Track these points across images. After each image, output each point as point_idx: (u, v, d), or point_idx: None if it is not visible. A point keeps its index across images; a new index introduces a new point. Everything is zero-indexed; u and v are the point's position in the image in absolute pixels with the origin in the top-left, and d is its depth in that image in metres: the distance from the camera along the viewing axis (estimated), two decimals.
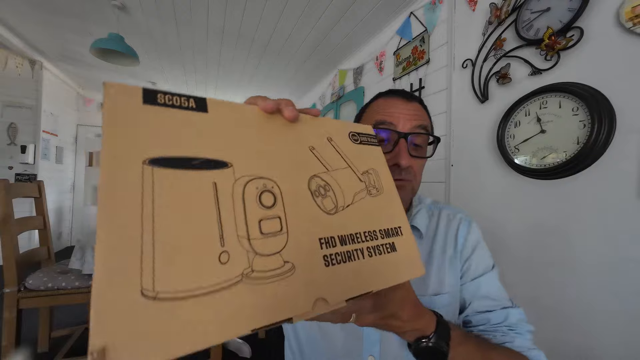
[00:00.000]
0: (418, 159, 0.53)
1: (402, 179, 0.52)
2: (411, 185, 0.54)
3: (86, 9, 2.27)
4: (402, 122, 0.52)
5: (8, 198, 1.40)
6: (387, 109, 0.55)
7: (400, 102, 0.55)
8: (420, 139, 0.54)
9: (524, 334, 0.52)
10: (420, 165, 0.55)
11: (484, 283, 0.57)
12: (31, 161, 3.41)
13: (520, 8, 1.12)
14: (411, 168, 0.52)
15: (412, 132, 0.52)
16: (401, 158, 0.50)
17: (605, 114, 0.86)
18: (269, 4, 1.87)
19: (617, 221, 0.86)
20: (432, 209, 0.63)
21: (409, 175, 0.53)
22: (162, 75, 3.45)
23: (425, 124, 0.55)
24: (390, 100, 0.56)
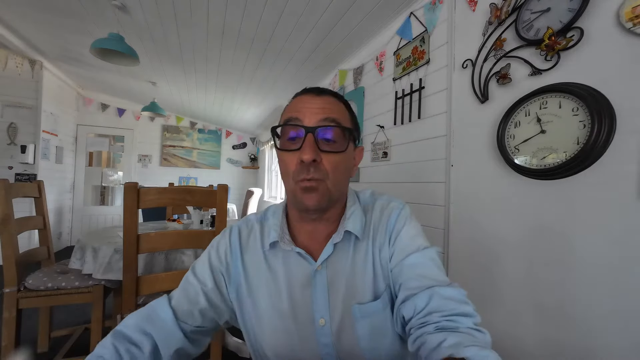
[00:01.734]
0: (329, 154, 0.49)
1: (311, 178, 0.48)
2: (324, 185, 0.49)
3: (86, 9, 2.27)
4: (308, 116, 0.49)
5: (8, 198, 1.40)
6: (296, 105, 0.52)
7: (309, 97, 0.52)
8: (331, 133, 0.50)
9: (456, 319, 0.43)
10: (334, 162, 0.49)
11: (406, 265, 0.51)
12: (31, 161, 3.41)
13: (520, 8, 1.12)
14: (321, 164, 0.48)
15: (319, 126, 0.48)
16: (303, 152, 0.47)
17: (606, 114, 0.86)
18: (269, 4, 1.87)
19: (617, 221, 0.86)
20: (368, 203, 0.60)
21: (319, 174, 0.48)
22: (162, 75, 3.45)
23: (336, 116, 0.50)
24: (301, 97, 0.54)
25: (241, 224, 0.62)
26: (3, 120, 3.39)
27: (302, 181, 0.48)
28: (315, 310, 0.52)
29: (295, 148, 0.49)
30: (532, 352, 1.06)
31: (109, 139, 4.95)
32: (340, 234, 0.53)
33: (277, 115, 4.41)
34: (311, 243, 0.55)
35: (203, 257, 0.59)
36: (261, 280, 0.55)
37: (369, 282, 0.52)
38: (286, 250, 0.54)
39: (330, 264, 0.53)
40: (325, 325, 0.51)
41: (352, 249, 0.54)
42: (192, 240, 1.30)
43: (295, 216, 0.57)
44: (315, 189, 0.48)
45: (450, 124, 1.45)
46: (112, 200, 5.00)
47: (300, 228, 0.56)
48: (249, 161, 5.96)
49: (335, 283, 0.52)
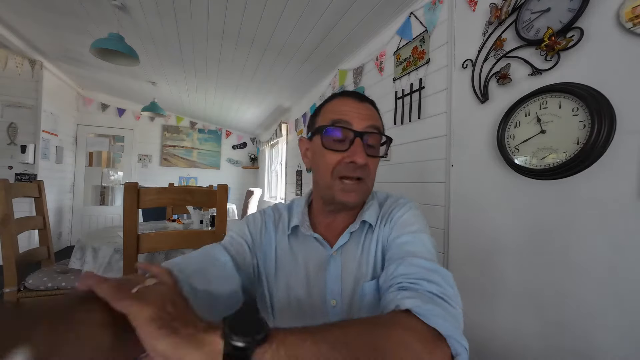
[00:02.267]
0: (373, 158, 0.57)
1: (358, 177, 0.55)
2: (366, 185, 0.57)
3: (86, 9, 2.27)
4: (356, 121, 0.55)
5: (8, 198, 1.40)
6: (341, 107, 0.57)
7: (354, 102, 0.57)
8: (373, 138, 0.57)
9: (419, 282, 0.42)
10: (374, 165, 0.58)
11: (396, 243, 0.54)
12: (31, 161, 3.41)
13: (520, 8, 1.12)
14: (367, 166, 0.55)
15: (367, 132, 0.55)
16: (358, 155, 0.53)
17: (605, 114, 0.86)
18: (269, 4, 1.87)
19: (617, 221, 0.86)
20: (382, 199, 0.67)
21: (364, 173, 0.55)
22: (162, 75, 3.45)
23: (378, 124, 0.58)
24: (344, 100, 0.58)
25: (272, 209, 0.69)
26: (3, 120, 3.39)
27: (345, 178, 0.55)
28: (328, 292, 0.57)
29: (342, 149, 0.54)
30: (532, 350, 1.06)
31: (109, 139, 4.95)
32: (357, 223, 0.59)
33: (277, 115, 4.41)
34: (328, 233, 0.62)
35: (240, 225, 0.65)
36: (285, 259, 0.62)
37: (371, 263, 0.58)
38: (306, 235, 0.61)
39: (345, 251, 0.59)
40: (337, 305, 0.56)
41: (364, 236, 0.60)
42: (192, 240, 1.30)
43: (318, 207, 0.63)
44: (356, 189, 0.55)
45: (450, 124, 1.45)
46: (112, 200, 5.00)
47: (321, 219, 0.63)
48: (249, 161, 5.96)
49: (348, 268, 0.58)
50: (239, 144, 5.92)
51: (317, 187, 0.61)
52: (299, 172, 3.62)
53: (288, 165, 4.17)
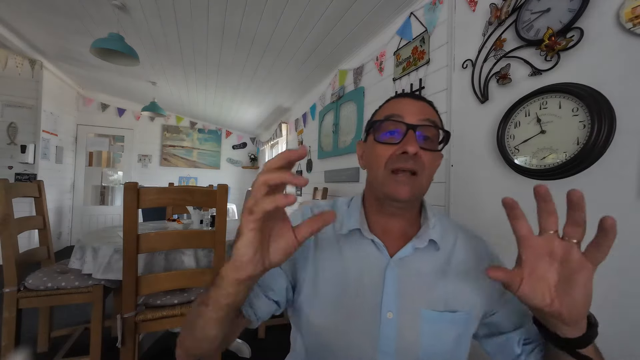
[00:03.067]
0: (428, 152, 0.54)
1: (411, 168, 0.52)
2: (419, 181, 0.53)
3: (86, 9, 2.27)
4: (409, 115, 0.54)
5: (8, 198, 1.40)
6: (395, 105, 0.57)
7: (408, 100, 0.57)
8: (429, 132, 0.54)
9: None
10: (430, 160, 0.54)
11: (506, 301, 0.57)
12: (31, 161, 3.41)
13: (520, 8, 1.12)
14: (420, 159, 0.52)
15: (421, 124, 0.53)
16: (409, 144, 0.51)
17: (605, 114, 0.86)
18: (269, 4, 1.87)
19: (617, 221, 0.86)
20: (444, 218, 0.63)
21: (418, 166, 0.52)
22: (162, 75, 3.45)
23: (434, 119, 0.56)
24: (398, 99, 0.59)
25: (312, 207, 0.65)
26: (3, 120, 3.39)
27: (397, 171, 0.52)
28: (384, 303, 0.53)
29: (394, 142, 0.53)
30: None
31: (109, 138, 4.95)
32: (425, 241, 0.55)
33: (277, 115, 4.41)
34: (385, 237, 0.57)
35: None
36: (330, 262, 0.57)
37: (443, 293, 0.54)
38: (360, 239, 0.57)
39: (404, 263, 0.55)
40: (392, 319, 0.52)
41: (428, 255, 0.56)
42: (192, 240, 1.30)
43: (373, 207, 0.60)
44: (408, 182, 0.52)
45: (450, 124, 1.45)
46: (112, 200, 5.00)
47: (376, 220, 0.59)
48: (249, 161, 5.96)
49: (407, 282, 0.54)
50: (239, 144, 5.92)
51: (371, 186, 0.60)
52: (299, 172, 3.63)
53: None
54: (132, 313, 1.22)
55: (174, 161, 5.38)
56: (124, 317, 1.20)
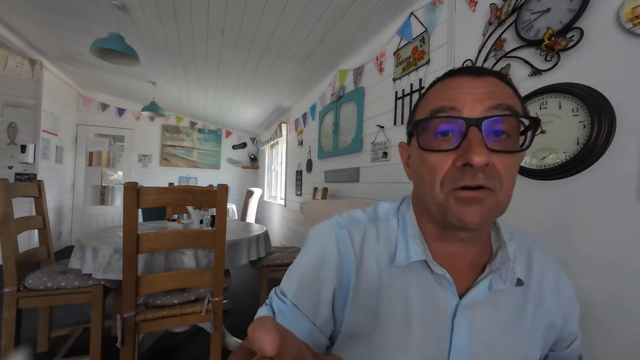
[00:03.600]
0: (503, 155, 0.36)
1: (481, 184, 0.35)
2: (494, 197, 0.36)
3: (86, 9, 2.27)
4: (469, 104, 0.36)
5: (8, 198, 1.40)
6: (447, 91, 0.39)
7: (466, 81, 0.38)
8: (504, 124, 0.36)
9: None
10: (509, 166, 0.36)
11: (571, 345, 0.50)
12: (31, 161, 3.41)
13: (520, 9, 1.12)
14: (493, 168, 0.35)
15: (488, 116, 0.35)
16: (473, 152, 0.34)
17: (605, 114, 0.86)
18: (269, 4, 1.87)
19: (617, 222, 0.86)
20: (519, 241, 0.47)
21: (491, 181, 0.35)
22: (162, 75, 3.45)
23: (510, 102, 0.37)
24: (452, 80, 0.40)
25: (349, 225, 0.47)
26: (3, 120, 3.39)
27: (461, 190, 0.36)
28: (453, 355, 0.40)
29: (449, 148, 0.37)
30: None
31: (109, 138, 4.95)
32: (506, 279, 0.41)
33: (277, 115, 4.40)
34: (451, 269, 0.42)
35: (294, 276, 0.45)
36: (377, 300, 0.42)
37: (521, 341, 0.43)
38: (422, 272, 0.42)
39: (475, 307, 0.41)
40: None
41: (506, 294, 0.43)
42: (192, 240, 1.30)
43: (432, 232, 0.44)
44: (480, 200, 0.36)
45: None
46: (112, 200, 5.00)
47: (439, 248, 0.43)
48: (249, 161, 5.96)
49: (479, 330, 0.41)
50: (239, 144, 5.92)
51: (425, 206, 0.42)
52: (299, 172, 3.63)
53: (288, 165, 4.17)
54: (132, 313, 1.22)
55: (174, 161, 5.38)
56: (124, 317, 1.20)
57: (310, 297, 0.43)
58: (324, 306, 0.43)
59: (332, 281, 0.43)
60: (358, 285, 0.43)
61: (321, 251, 0.45)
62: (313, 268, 0.44)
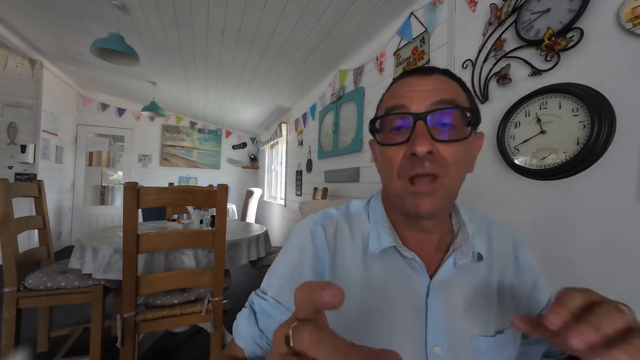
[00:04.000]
0: (448, 143, 0.39)
1: (428, 172, 0.39)
2: (443, 185, 0.40)
3: (86, 9, 2.27)
4: (416, 101, 0.41)
5: (8, 197, 1.40)
6: (399, 90, 0.43)
7: (416, 80, 0.43)
8: (449, 117, 0.40)
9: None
10: (455, 153, 0.40)
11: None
12: (31, 161, 3.41)
13: (520, 9, 1.12)
14: (438, 155, 0.39)
15: (433, 110, 0.39)
16: (417, 142, 0.38)
17: (605, 114, 0.86)
18: (269, 4, 1.87)
19: (617, 221, 0.86)
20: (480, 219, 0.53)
21: (437, 167, 0.39)
22: (162, 75, 3.45)
23: (453, 97, 0.41)
24: (403, 80, 0.44)
25: (322, 220, 0.50)
26: (3, 120, 3.39)
27: (413, 180, 0.40)
28: (430, 336, 0.43)
29: (402, 141, 0.40)
30: None
31: (109, 138, 4.95)
32: (467, 254, 0.45)
33: (277, 115, 4.41)
34: (421, 253, 0.46)
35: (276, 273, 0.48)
36: (357, 291, 0.45)
37: (493, 312, 0.46)
38: (392, 258, 0.46)
39: (446, 284, 0.45)
40: (442, 354, 0.43)
41: (470, 269, 0.47)
42: (192, 240, 1.30)
43: (399, 221, 0.48)
44: (431, 193, 0.40)
45: None
46: (112, 200, 5.00)
47: (407, 235, 0.47)
48: (249, 161, 5.96)
49: (451, 306, 0.44)
50: (239, 144, 5.92)
51: (389, 196, 0.47)
52: (299, 172, 3.63)
53: (288, 165, 4.17)
54: (132, 313, 1.22)
55: (174, 161, 5.38)
56: (124, 317, 1.20)
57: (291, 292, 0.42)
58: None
59: (310, 274, 0.46)
60: (333, 276, 0.46)
61: (298, 247, 0.48)
62: (292, 264, 0.47)
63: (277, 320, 0.44)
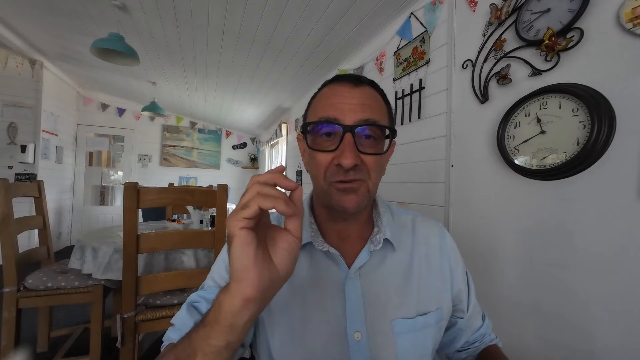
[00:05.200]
0: (370, 156, 0.46)
1: (351, 179, 0.45)
2: (365, 186, 0.47)
3: (86, 9, 2.27)
4: (348, 114, 0.45)
5: (8, 197, 1.40)
6: (330, 99, 0.48)
7: (346, 89, 0.48)
8: (371, 131, 0.47)
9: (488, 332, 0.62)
10: (375, 162, 0.47)
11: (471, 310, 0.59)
12: (31, 161, 3.41)
13: (520, 9, 1.12)
14: (362, 164, 0.45)
15: (359, 124, 0.45)
16: (344, 156, 0.43)
17: (606, 114, 0.86)
18: (269, 4, 1.87)
19: (617, 222, 0.86)
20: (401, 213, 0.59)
21: (360, 175, 0.45)
22: (162, 75, 3.44)
23: (377, 117, 0.47)
24: (335, 88, 0.49)
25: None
26: (3, 119, 3.39)
27: (338, 183, 0.45)
28: (350, 323, 0.46)
29: (331, 148, 0.45)
30: (531, 351, 1.06)
31: (109, 138, 4.95)
32: (379, 241, 0.50)
33: (277, 115, 4.41)
34: (342, 244, 0.51)
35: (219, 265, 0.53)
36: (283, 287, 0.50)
37: (412, 296, 0.49)
38: (314, 252, 0.50)
39: (364, 272, 0.49)
40: (362, 340, 0.45)
41: (388, 257, 0.51)
42: (192, 240, 1.30)
43: (323, 215, 0.53)
44: (354, 190, 0.46)
45: (450, 124, 1.45)
46: (112, 200, 5.00)
47: (329, 228, 0.53)
48: (249, 161, 5.96)
49: (371, 293, 0.48)
50: (239, 144, 5.92)
51: (316, 192, 0.52)
52: (299, 172, 3.62)
53: (288, 165, 4.17)
54: (132, 313, 1.22)
55: (174, 161, 5.38)
56: (123, 317, 1.20)
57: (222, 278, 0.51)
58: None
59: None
60: None
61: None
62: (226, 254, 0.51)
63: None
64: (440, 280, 0.53)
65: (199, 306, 0.49)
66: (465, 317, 0.58)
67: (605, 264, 0.88)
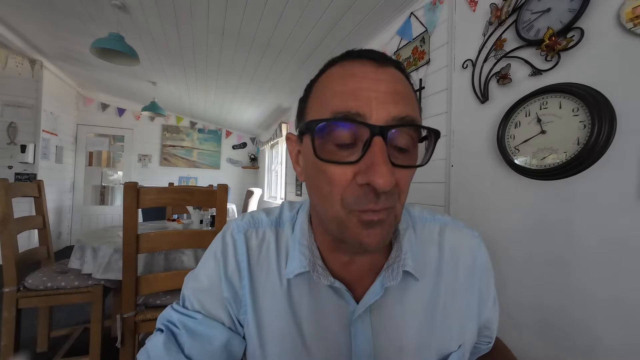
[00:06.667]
0: (406, 170, 0.33)
1: (380, 208, 0.31)
2: (393, 213, 0.33)
3: (86, 9, 2.27)
4: (375, 108, 0.31)
5: (8, 197, 1.40)
6: (347, 84, 0.32)
7: (370, 69, 0.33)
8: (407, 133, 0.32)
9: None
10: (407, 179, 0.34)
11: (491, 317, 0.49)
12: (31, 160, 3.41)
13: (520, 9, 1.12)
14: (396, 187, 0.32)
15: (394, 125, 0.31)
16: (376, 172, 0.29)
17: (606, 114, 0.86)
18: (269, 4, 1.87)
19: (617, 221, 0.86)
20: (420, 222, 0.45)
21: (391, 201, 0.32)
22: (162, 75, 3.44)
23: (412, 112, 0.32)
24: (352, 67, 0.33)
25: (247, 229, 0.44)
26: (3, 119, 3.39)
27: (364, 212, 0.31)
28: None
29: (352, 159, 0.31)
30: (532, 351, 1.06)
31: (109, 138, 4.95)
32: (397, 274, 0.37)
33: (277, 115, 4.40)
34: (348, 274, 0.40)
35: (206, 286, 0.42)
36: (276, 315, 0.40)
37: (434, 336, 0.40)
38: (313, 281, 0.40)
39: (376, 307, 0.39)
40: None
41: (408, 290, 0.40)
42: (192, 240, 1.30)
43: (327, 243, 0.40)
44: (381, 222, 0.32)
45: (450, 124, 1.45)
46: (112, 200, 5.00)
47: (335, 258, 0.40)
48: (249, 161, 5.96)
49: (383, 332, 0.39)
50: (239, 144, 5.92)
51: (321, 217, 0.37)
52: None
53: (288, 166, 4.17)
54: (132, 313, 1.22)
55: (174, 161, 5.38)
56: (123, 317, 1.20)
57: (215, 303, 0.41)
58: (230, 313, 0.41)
59: (229, 292, 0.41)
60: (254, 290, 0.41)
61: (219, 257, 0.43)
62: (212, 275, 0.42)
63: (211, 338, 0.39)
64: (467, 308, 0.43)
65: (180, 339, 0.40)
66: (492, 343, 0.50)
67: (605, 264, 0.88)
